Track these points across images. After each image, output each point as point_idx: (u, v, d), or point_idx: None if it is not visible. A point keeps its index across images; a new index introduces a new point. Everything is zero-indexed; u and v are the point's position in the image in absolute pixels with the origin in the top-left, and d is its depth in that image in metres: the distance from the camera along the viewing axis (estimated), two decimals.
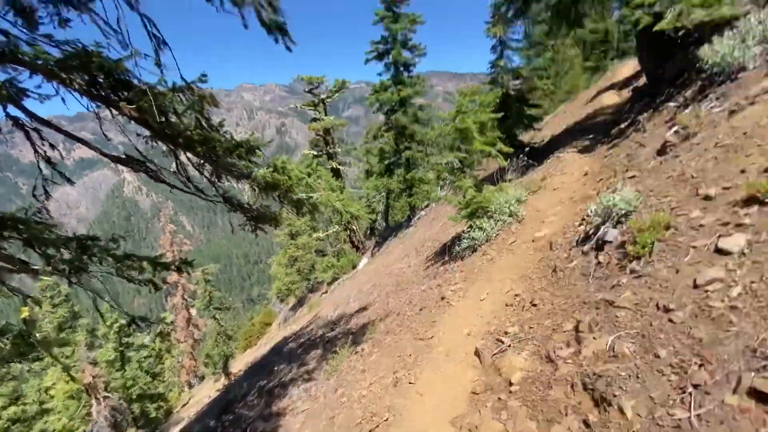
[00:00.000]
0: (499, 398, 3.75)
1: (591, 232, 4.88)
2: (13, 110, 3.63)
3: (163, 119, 4.46)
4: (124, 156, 4.90)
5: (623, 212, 4.41)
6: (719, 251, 3.09)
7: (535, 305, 4.71)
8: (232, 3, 4.04)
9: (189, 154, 5.90)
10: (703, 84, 6.43)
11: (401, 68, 21.10)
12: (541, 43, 22.63)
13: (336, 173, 24.35)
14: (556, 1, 10.16)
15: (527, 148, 10.81)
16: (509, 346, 4.34)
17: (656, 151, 5.74)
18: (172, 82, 4.77)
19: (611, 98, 14.56)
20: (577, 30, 23.76)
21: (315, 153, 23.41)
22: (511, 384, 3.80)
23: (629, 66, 18.81)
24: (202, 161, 6.09)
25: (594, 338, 3.42)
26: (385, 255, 20.54)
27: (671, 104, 7.01)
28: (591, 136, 10.29)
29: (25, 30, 3.50)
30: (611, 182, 6.09)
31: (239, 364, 22.07)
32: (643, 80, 13.32)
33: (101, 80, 3.92)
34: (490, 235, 7.08)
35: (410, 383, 4.86)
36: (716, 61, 5.89)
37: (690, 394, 2.43)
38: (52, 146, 4.20)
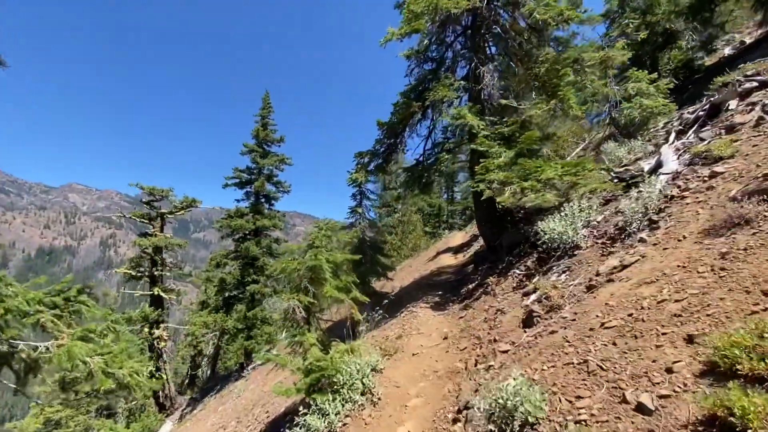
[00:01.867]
0: None
1: None
2: None
3: None
4: None
5: (525, 418, 2.85)
6: None
7: None
8: None
9: None
10: (541, 256, 6.48)
11: (262, 199, 19.77)
12: (391, 206, 25.10)
13: (158, 302, 18.69)
14: (410, 166, 10.86)
15: (385, 301, 9.52)
16: None
17: (522, 321, 4.88)
18: None
19: (450, 260, 15.59)
20: (419, 201, 27.45)
21: (133, 273, 17.91)
22: None
23: (459, 235, 21.73)
24: None
25: None
26: (196, 421, 14.68)
27: (516, 271, 6.85)
28: (440, 292, 9.80)
29: None
30: (480, 354, 4.82)
31: None
32: (475, 246, 14.79)
33: None
34: (334, 426, 4.62)
35: None
36: (553, 237, 5.99)
37: None
38: None
